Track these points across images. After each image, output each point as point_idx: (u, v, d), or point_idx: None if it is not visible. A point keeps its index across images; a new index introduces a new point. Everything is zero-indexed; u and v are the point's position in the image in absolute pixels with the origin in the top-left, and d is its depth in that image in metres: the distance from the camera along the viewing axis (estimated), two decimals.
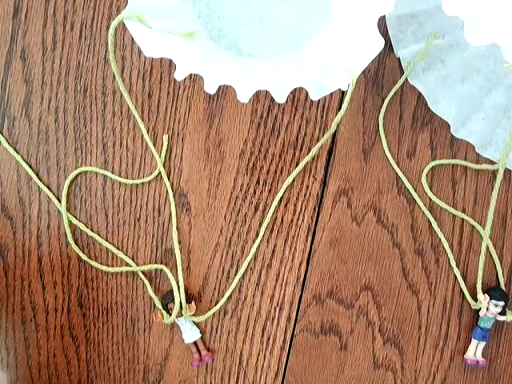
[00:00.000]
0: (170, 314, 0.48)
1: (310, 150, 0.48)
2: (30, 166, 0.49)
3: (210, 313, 0.48)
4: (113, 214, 0.49)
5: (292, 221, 0.49)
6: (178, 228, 0.49)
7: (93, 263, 0.49)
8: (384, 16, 0.46)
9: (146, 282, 0.48)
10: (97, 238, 0.49)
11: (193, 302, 0.48)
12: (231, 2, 0.44)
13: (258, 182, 0.48)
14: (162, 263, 0.49)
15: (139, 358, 0.50)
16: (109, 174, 0.48)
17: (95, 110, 0.48)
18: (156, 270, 0.49)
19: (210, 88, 0.40)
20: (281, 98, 0.40)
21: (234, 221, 0.49)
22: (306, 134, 0.48)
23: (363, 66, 0.39)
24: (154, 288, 0.49)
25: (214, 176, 0.49)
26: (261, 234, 0.48)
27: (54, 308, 0.49)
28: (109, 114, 0.48)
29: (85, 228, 0.49)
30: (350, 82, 0.39)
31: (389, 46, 0.47)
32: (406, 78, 0.47)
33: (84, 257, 0.49)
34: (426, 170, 0.48)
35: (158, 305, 0.48)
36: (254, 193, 0.48)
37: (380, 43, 0.38)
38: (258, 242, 0.48)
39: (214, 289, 0.49)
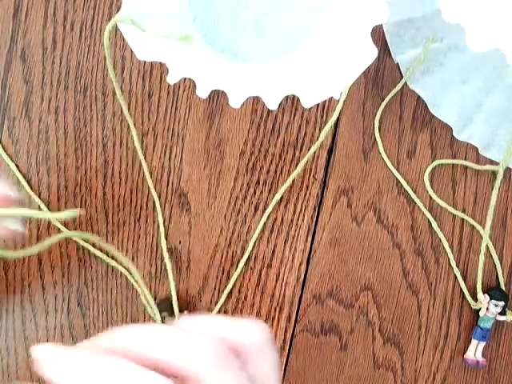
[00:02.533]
0: (164, 323, 0.48)
1: (310, 150, 0.48)
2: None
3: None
4: (113, 214, 0.49)
5: (292, 221, 0.49)
6: (177, 228, 0.49)
7: (91, 248, 0.48)
8: None
9: (139, 289, 0.48)
10: (91, 248, 0.49)
11: (185, 312, 0.48)
12: (227, 5, 0.44)
13: (258, 182, 0.48)
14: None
15: None
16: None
17: (95, 109, 0.48)
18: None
19: (202, 92, 0.40)
20: (273, 104, 0.40)
21: (234, 221, 0.49)
22: (305, 134, 0.48)
23: (356, 75, 0.39)
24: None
25: (214, 176, 0.48)
26: (261, 235, 0.48)
27: (54, 308, 0.49)
28: (109, 114, 0.48)
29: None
30: (342, 90, 0.39)
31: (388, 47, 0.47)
32: (406, 81, 0.47)
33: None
34: (428, 170, 0.48)
35: (151, 313, 0.48)
36: (254, 193, 0.48)
37: (373, 53, 0.38)
38: (258, 242, 0.48)
39: (214, 289, 0.49)
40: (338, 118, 0.48)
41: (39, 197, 0.48)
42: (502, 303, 0.48)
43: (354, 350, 0.49)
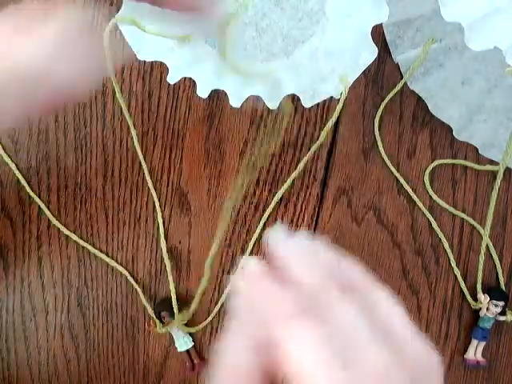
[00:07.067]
0: (163, 323, 0.48)
1: (310, 150, 0.48)
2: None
3: (206, 322, 0.48)
4: (113, 214, 0.49)
5: (292, 221, 0.49)
6: (177, 228, 0.49)
7: (91, 248, 0.49)
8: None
9: (139, 289, 0.48)
10: (91, 248, 0.49)
11: (184, 311, 0.48)
12: (227, 5, 0.44)
13: (257, 182, 0.48)
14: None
15: (139, 358, 0.50)
16: None
17: (95, 109, 0.48)
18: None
19: (203, 92, 0.40)
20: (273, 104, 0.40)
21: (233, 221, 0.49)
22: (305, 134, 0.48)
23: (356, 75, 0.39)
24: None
25: (214, 176, 0.48)
26: (261, 234, 0.48)
27: (54, 308, 0.49)
28: (109, 113, 0.48)
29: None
30: (342, 90, 0.39)
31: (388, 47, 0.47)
32: (406, 82, 0.47)
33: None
34: (428, 169, 0.48)
35: (151, 313, 0.48)
36: (254, 193, 0.48)
37: (374, 52, 0.38)
38: (258, 242, 0.48)
39: (214, 289, 0.49)
40: (338, 117, 0.48)
41: (39, 197, 0.48)
42: (501, 303, 0.48)
43: None
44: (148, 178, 0.48)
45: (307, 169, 0.48)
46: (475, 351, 0.48)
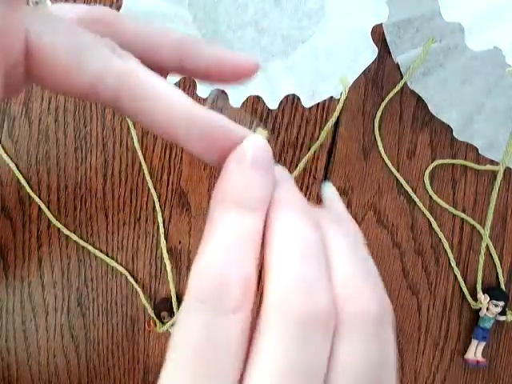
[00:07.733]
0: (163, 323, 0.48)
1: (310, 150, 0.48)
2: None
3: None
4: (113, 214, 0.49)
5: None
6: (177, 228, 0.49)
7: (91, 248, 0.49)
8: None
9: (139, 289, 0.48)
10: (91, 248, 0.49)
11: None
12: (227, 5, 0.44)
13: None
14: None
15: (139, 358, 0.50)
16: None
17: (95, 109, 0.48)
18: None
19: (203, 92, 0.40)
20: (273, 104, 0.40)
21: None
22: (305, 133, 0.48)
23: (356, 75, 0.39)
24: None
25: (214, 176, 0.48)
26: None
27: (54, 308, 0.49)
28: (109, 113, 0.48)
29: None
30: (342, 90, 0.39)
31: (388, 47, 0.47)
32: (406, 82, 0.47)
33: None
34: (428, 170, 0.48)
35: (151, 313, 0.48)
36: None
37: (373, 52, 0.38)
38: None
39: None
40: (338, 117, 0.48)
41: (39, 197, 0.48)
42: (501, 303, 0.48)
43: None
44: (148, 177, 0.48)
45: (307, 169, 0.48)
46: (475, 351, 0.48)
